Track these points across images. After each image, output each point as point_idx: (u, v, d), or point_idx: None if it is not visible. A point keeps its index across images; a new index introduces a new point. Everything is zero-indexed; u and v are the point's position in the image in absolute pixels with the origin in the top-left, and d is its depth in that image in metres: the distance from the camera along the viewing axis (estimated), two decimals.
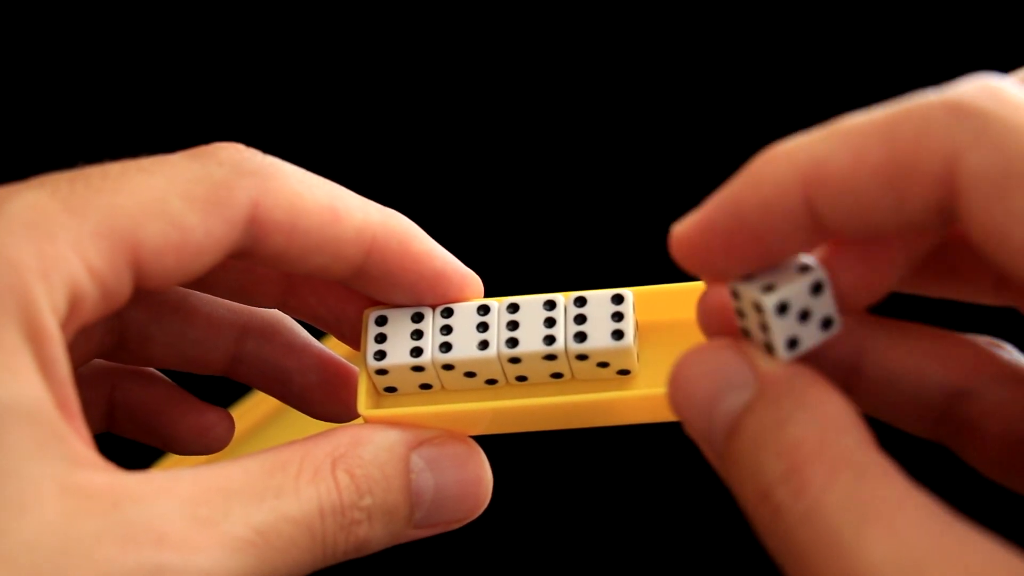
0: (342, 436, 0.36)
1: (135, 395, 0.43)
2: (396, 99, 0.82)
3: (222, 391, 0.50)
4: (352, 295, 0.40)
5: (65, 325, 0.33)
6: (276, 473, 0.34)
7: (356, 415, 0.39)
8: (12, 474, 0.30)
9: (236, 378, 0.43)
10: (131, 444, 0.44)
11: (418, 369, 0.38)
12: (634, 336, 0.38)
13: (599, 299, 0.38)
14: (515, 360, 0.38)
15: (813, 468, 0.29)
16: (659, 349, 0.38)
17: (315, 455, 0.35)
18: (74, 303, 0.33)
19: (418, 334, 0.39)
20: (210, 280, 0.41)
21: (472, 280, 0.39)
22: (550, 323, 0.38)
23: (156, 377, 0.43)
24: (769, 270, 0.32)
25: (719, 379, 0.31)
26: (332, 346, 0.44)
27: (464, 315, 0.39)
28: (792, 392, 0.30)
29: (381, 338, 0.39)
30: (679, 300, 0.38)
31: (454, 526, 0.38)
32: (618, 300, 0.38)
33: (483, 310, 0.39)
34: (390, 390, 0.39)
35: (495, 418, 0.39)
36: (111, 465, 0.32)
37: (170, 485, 0.32)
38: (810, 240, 0.31)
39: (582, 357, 0.38)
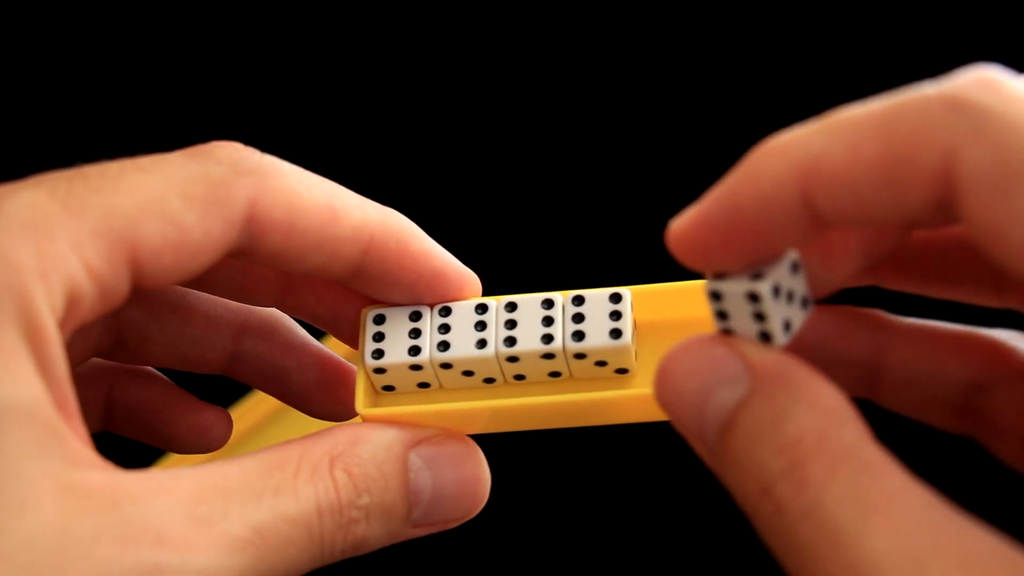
0: (340, 435, 0.36)
1: (133, 394, 0.43)
2: (395, 99, 0.82)
3: (220, 390, 0.50)
4: (350, 294, 0.40)
5: (63, 324, 0.33)
6: (274, 472, 0.34)
7: (354, 414, 0.39)
8: (10, 473, 0.30)
9: (234, 377, 0.43)
10: (129, 443, 0.44)
11: (416, 368, 0.38)
12: (632, 335, 0.38)
13: (597, 298, 0.38)
14: (513, 359, 0.38)
15: (813, 463, 0.29)
16: (657, 348, 0.38)
17: (313, 454, 0.35)
18: (72, 302, 0.33)
19: (416, 333, 0.39)
20: (208, 279, 0.41)
21: (470, 279, 0.39)
22: (548, 322, 0.38)
23: (154, 376, 0.43)
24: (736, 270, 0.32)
25: (710, 374, 0.31)
26: (331, 345, 0.44)
27: (462, 314, 0.39)
28: (787, 386, 0.30)
29: (379, 337, 0.39)
30: (677, 299, 0.38)
31: (452, 525, 0.38)
32: (616, 299, 0.38)
33: (481, 309, 0.39)
34: (388, 389, 0.39)
35: (493, 417, 0.39)
36: (109, 464, 0.32)
37: (168, 484, 0.32)
38: (808, 233, 0.31)
39: (580, 356, 0.38)
